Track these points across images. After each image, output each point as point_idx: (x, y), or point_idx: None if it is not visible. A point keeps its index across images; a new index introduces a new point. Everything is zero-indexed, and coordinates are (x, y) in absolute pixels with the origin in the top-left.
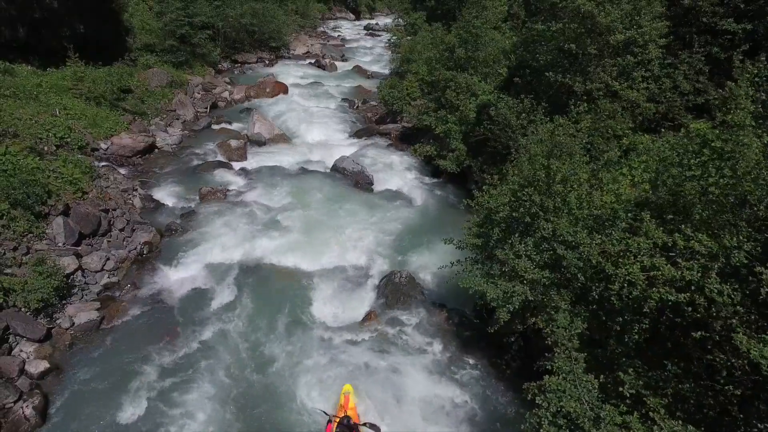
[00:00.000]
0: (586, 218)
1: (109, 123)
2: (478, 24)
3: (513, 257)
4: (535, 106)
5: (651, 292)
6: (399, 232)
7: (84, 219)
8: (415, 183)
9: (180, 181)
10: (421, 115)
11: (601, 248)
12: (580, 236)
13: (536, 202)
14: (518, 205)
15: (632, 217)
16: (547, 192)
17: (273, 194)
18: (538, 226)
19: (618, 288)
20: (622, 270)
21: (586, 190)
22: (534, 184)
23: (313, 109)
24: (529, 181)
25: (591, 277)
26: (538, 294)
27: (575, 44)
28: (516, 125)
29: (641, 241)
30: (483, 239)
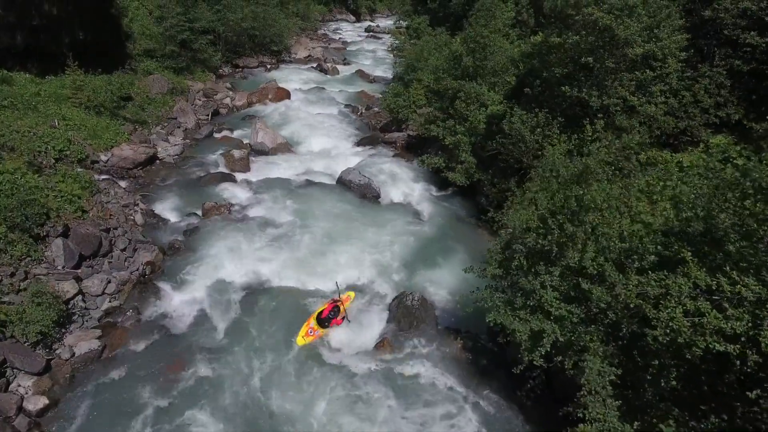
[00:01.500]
0: (612, 249)
1: (109, 133)
2: (487, 33)
3: (539, 287)
4: (550, 120)
5: (697, 341)
6: (408, 249)
7: (84, 240)
8: (422, 195)
9: (182, 195)
10: (428, 125)
11: (639, 289)
12: (610, 272)
13: (567, 231)
14: (546, 233)
15: (662, 248)
16: (577, 221)
17: (278, 209)
18: (565, 255)
19: (661, 333)
20: (664, 314)
21: (616, 218)
22: (564, 213)
23: (316, 115)
24: (559, 208)
25: (622, 314)
26: (566, 332)
27: (593, 58)
28: (530, 140)
29: (683, 282)
30: (505, 266)
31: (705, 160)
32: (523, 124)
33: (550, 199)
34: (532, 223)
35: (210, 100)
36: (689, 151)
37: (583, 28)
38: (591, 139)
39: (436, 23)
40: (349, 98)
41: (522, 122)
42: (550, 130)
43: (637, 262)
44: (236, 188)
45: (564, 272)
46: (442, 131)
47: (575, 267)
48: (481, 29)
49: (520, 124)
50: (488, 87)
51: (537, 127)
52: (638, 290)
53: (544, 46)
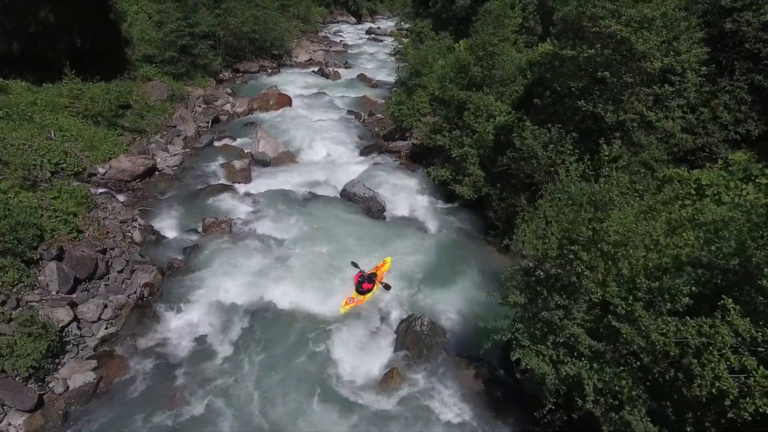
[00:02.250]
0: (640, 287)
1: (107, 144)
2: (496, 41)
3: (566, 323)
4: (563, 135)
5: (745, 404)
6: (415, 267)
7: (79, 263)
8: (429, 208)
9: (182, 209)
10: (433, 135)
11: (677, 337)
12: (640, 313)
13: (583, 260)
14: (564, 263)
15: (694, 288)
16: (597, 251)
17: (280, 225)
18: (586, 288)
19: (705, 393)
20: (708, 371)
21: (641, 251)
22: (579, 242)
23: (318, 122)
24: (573, 238)
25: (655, 359)
26: (597, 374)
27: (609, 72)
28: (543, 157)
29: (725, 333)
30: (526, 296)
31: (725, 179)
32: (535, 140)
33: (568, 225)
34: (551, 252)
35: (210, 106)
36: (708, 168)
37: (598, 40)
38: (608, 160)
39: (439, 26)
40: (351, 104)
41: (534, 137)
42: (563, 146)
43: (669, 304)
44: (237, 201)
45: (588, 306)
46: (448, 141)
47: (598, 303)
48: (489, 37)
49: (532, 140)
50: (495, 96)
51: (550, 143)
52: (677, 338)
53: (556, 57)
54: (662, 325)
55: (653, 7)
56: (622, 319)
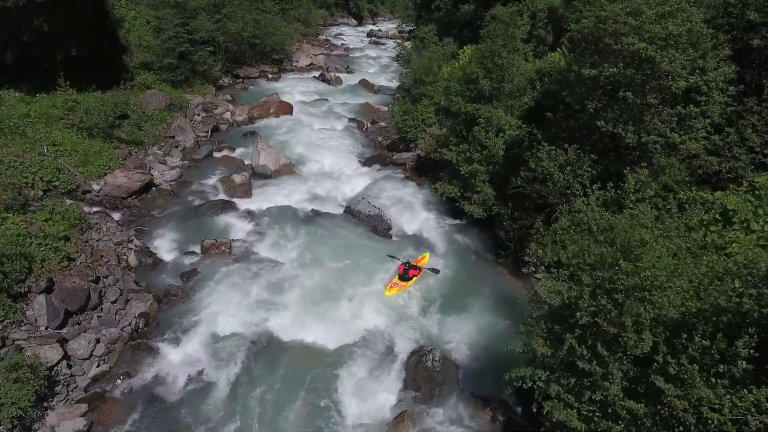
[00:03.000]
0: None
1: (102, 159)
2: (506, 54)
3: (601, 379)
4: (581, 156)
5: None
6: (424, 292)
7: (70, 294)
8: (436, 226)
9: (180, 228)
10: (440, 148)
11: (734, 414)
12: (694, 381)
13: (632, 313)
14: (596, 311)
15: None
16: (635, 299)
17: (282, 245)
18: (628, 343)
19: None
20: None
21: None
22: (618, 290)
23: (319, 131)
24: (610, 287)
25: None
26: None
27: (632, 92)
28: (559, 179)
29: None
30: (551, 345)
31: (753, 204)
32: (551, 161)
33: (603, 274)
34: (583, 302)
35: (209, 115)
36: (732, 190)
37: (621, 58)
38: (633, 190)
39: (443, 31)
40: (354, 111)
41: (550, 158)
42: (581, 167)
43: (722, 365)
44: (237, 219)
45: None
46: (455, 156)
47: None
48: (499, 48)
49: (548, 162)
50: (505, 110)
51: (567, 165)
52: (733, 415)
53: (573, 74)
54: (715, 398)
55: (678, 24)
56: (667, 379)
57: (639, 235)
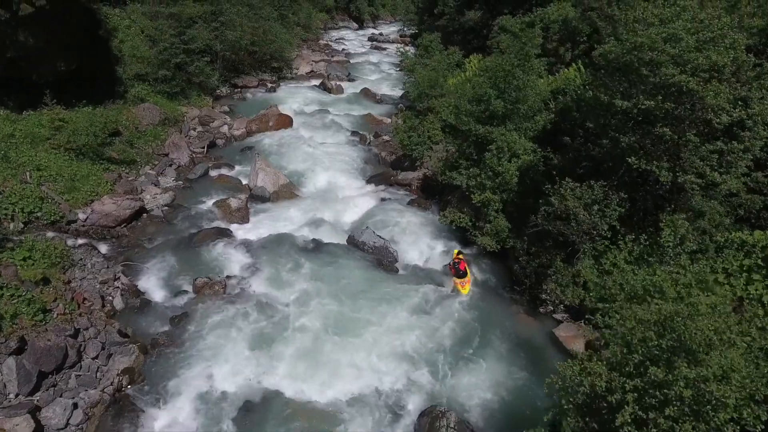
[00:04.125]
0: None
1: (89, 184)
2: (521, 74)
3: None
4: (609, 194)
5: None
6: (434, 336)
7: (45, 354)
8: (445, 257)
9: (172, 261)
10: (449, 172)
11: None
12: None
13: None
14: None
15: None
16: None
17: (281, 283)
18: None
19: None
20: None
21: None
22: (654, 397)
23: (320, 145)
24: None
25: None
26: None
27: (669, 127)
28: (585, 220)
29: None
30: None
31: None
32: (575, 199)
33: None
34: (624, 415)
35: (206, 129)
36: None
37: (657, 90)
38: (672, 245)
39: (447, 37)
40: (356, 123)
41: (575, 197)
42: (608, 206)
43: None
44: (233, 250)
45: None
46: (465, 180)
47: None
48: (513, 69)
49: (573, 200)
50: (519, 132)
51: (594, 203)
52: None
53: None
54: None
55: (722, 52)
56: None
57: (704, 332)
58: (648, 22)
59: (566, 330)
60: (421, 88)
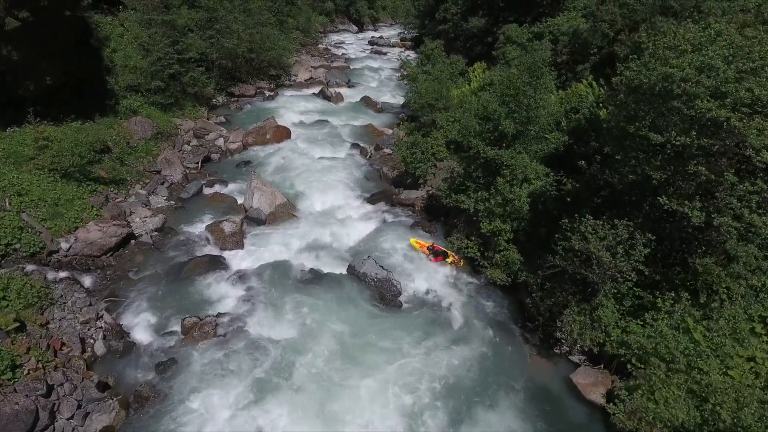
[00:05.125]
0: None
1: (74, 209)
2: (532, 92)
3: None
4: (634, 235)
5: None
6: (442, 380)
7: (12, 421)
8: (451, 288)
9: (160, 296)
10: (456, 195)
11: None
12: None
13: None
14: None
15: None
16: None
17: (276, 322)
18: None
19: None
20: None
21: None
22: None
23: (319, 160)
24: None
25: None
26: None
27: (705, 166)
28: (608, 263)
29: None
30: None
31: None
32: (597, 240)
33: None
34: None
35: (201, 142)
36: None
37: (692, 124)
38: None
39: (449, 43)
40: (356, 134)
41: (598, 237)
42: (633, 247)
43: None
44: (225, 282)
45: None
46: (473, 204)
47: None
48: (524, 86)
49: (594, 241)
50: (530, 154)
51: (618, 243)
52: None
53: (623, 132)
54: None
55: (765, 84)
56: None
57: None
58: (680, 49)
59: (584, 376)
60: (424, 100)
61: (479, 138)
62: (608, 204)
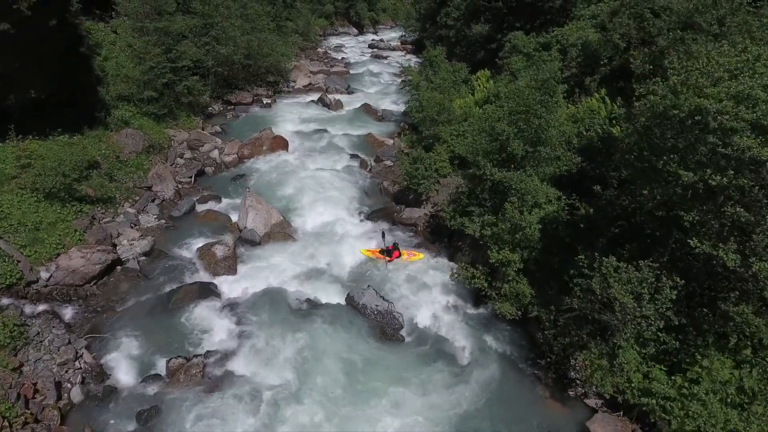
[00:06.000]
0: None
1: (56, 234)
2: (543, 112)
3: None
4: (663, 279)
5: None
6: (447, 425)
7: None
8: (456, 319)
9: (145, 331)
10: (460, 218)
11: None
12: None
13: None
14: None
15: None
16: None
17: (269, 361)
18: None
19: None
20: None
21: None
22: None
23: (317, 172)
24: None
25: None
26: None
27: (743, 206)
28: (634, 311)
29: None
30: None
31: None
32: (620, 284)
33: None
34: None
35: (195, 154)
36: None
37: (729, 160)
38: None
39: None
40: (356, 144)
41: (620, 281)
42: (661, 293)
43: None
44: (216, 314)
45: None
46: (479, 229)
47: None
48: (535, 105)
49: (618, 286)
50: (540, 176)
51: (642, 281)
52: None
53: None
54: None
55: None
56: None
57: None
58: (715, 76)
59: (603, 425)
60: (426, 112)
61: (486, 158)
62: (627, 235)
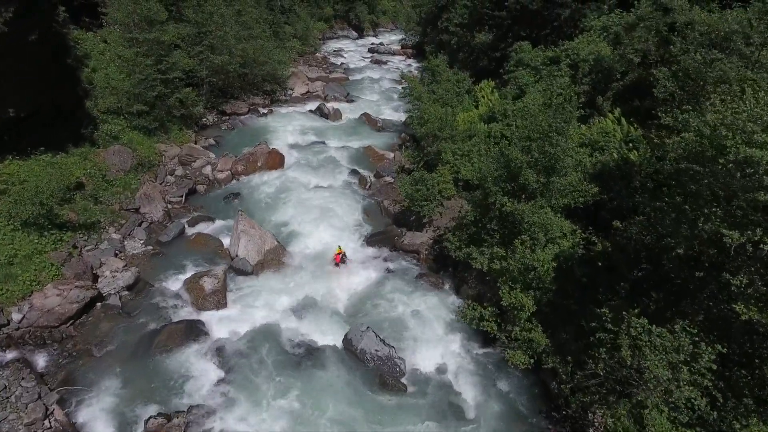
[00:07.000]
0: None
1: (31, 269)
2: (557, 139)
3: None
4: (700, 345)
5: None
6: None
7: None
8: (463, 363)
9: (124, 381)
10: (466, 248)
11: None
12: None
13: None
14: None
15: None
16: None
17: (259, 417)
18: None
19: None
20: None
21: None
22: None
23: (314, 191)
24: None
25: None
26: None
27: None
28: (667, 381)
29: None
30: None
31: None
32: (653, 351)
33: None
34: None
35: (186, 171)
36: None
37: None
38: None
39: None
40: (355, 158)
41: (654, 349)
42: (698, 361)
43: None
44: (202, 359)
45: None
46: (487, 263)
47: None
48: (550, 131)
49: (650, 353)
50: (554, 209)
51: (679, 360)
52: None
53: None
54: None
55: None
56: None
57: None
58: (765, 121)
59: None
60: (428, 128)
61: (497, 186)
62: (652, 280)
